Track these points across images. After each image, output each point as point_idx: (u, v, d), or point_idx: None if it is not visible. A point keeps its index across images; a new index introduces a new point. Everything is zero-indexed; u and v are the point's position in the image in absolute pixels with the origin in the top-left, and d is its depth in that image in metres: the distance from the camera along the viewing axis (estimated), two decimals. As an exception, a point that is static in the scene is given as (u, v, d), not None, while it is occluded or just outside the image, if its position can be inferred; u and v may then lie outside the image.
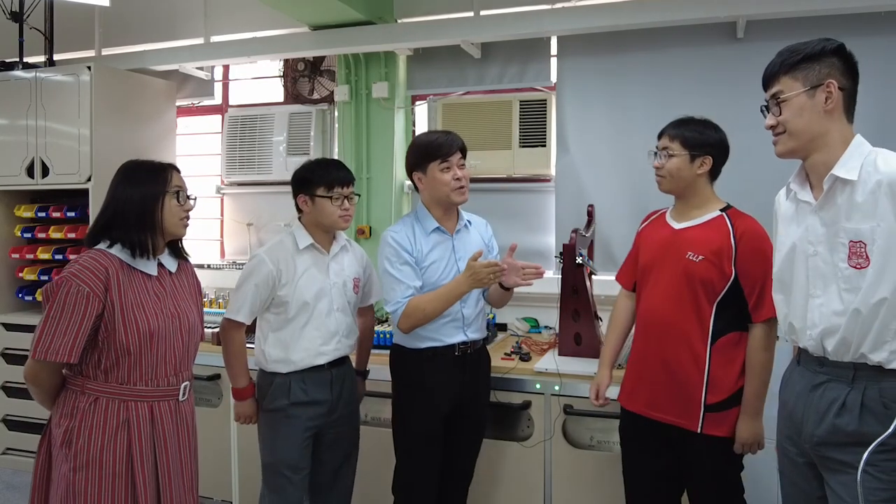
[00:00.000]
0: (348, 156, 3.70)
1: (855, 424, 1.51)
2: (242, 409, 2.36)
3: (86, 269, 1.77)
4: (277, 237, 2.37)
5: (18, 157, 3.72)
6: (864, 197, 1.51)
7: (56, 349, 1.74)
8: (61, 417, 1.83)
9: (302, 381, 2.27)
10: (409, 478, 2.33)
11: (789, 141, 1.62)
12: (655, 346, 2.09)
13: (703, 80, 3.15)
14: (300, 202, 2.32)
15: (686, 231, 2.09)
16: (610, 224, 3.29)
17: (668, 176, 2.10)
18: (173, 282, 1.98)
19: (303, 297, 2.25)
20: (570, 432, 2.68)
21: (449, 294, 2.18)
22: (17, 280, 3.94)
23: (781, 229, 1.74)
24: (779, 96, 1.61)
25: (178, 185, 1.94)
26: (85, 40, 4.19)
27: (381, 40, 3.47)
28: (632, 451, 2.22)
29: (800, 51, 1.59)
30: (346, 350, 2.37)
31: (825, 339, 1.57)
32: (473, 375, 2.35)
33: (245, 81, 4.31)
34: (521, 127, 3.48)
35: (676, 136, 2.09)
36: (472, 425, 2.40)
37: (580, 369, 2.64)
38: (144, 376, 1.85)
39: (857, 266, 1.51)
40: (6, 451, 3.87)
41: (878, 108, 2.84)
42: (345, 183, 2.30)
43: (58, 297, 1.75)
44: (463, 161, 2.27)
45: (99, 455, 1.79)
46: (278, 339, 2.27)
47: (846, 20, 2.90)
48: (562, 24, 3.22)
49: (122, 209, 1.86)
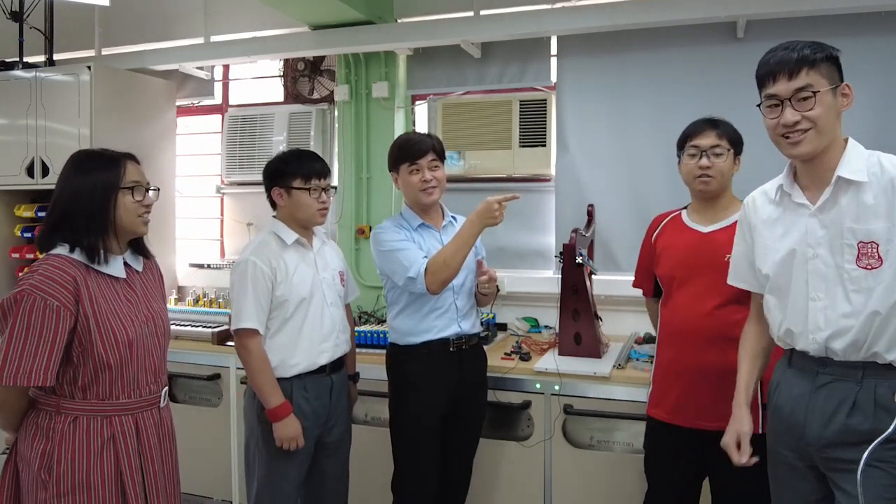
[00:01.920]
0: (348, 155, 3.70)
1: (870, 423, 1.48)
2: (284, 430, 2.11)
3: (49, 280, 1.59)
4: (257, 238, 2.25)
5: (18, 157, 3.72)
6: (876, 197, 1.49)
7: (27, 372, 1.56)
8: (35, 440, 1.65)
9: (304, 388, 2.19)
10: (407, 476, 2.33)
11: (816, 139, 1.53)
12: (698, 353, 2.00)
13: (703, 79, 3.15)
14: (275, 195, 2.24)
15: (717, 234, 2.05)
16: (610, 224, 3.29)
17: (718, 176, 2.03)
18: (143, 282, 1.83)
19: (300, 293, 2.18)
20: (569, 432, 2.69)
21: (463, 238, 2.18)
22: (17, 280, 3.93)
23: (765, 233, 1.69)
24: (812, 90, 1.51)
25: (135, 178, 1.74)
26: (85, 40, 4.18)
27: (381, 40, 3.47)
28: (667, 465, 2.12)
29: (819, 49, 1.54)
30: (344, 346, 2.33)
31: (833, 341, 1.54)
32: (469, 373, 2.35)
33: (245, 81, 4.30)
34: (521, 127, 3.48)
35: (724, 134, 2.05)
36: (468, 425, 2.40)
37: (580, 369, 2.64)
38: (127, 388, 1.71)
39: (868, 267, 1.49)
40: (6, 450, 3.87)
41: (877, 108, 2.85)
42: (322, 174, 2.23)
43: (20, 314, 1.56)
44: (436, 162, 2.29)
45: (86, 478, 1.64)
46: (276, 343, 2.17)
47: (846, 20, 2.90)
48: (562, 23, 3.21)
49: (70, 207, 1.67)
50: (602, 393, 2.59)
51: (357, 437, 2.47)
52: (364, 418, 2.96)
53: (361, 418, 2.95)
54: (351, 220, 3.71)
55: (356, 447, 2.46)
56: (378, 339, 2.98)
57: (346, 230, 3.73)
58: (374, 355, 2.83)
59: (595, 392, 2.60)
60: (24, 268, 3.87)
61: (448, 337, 2.29)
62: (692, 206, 2.18)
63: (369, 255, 2.57)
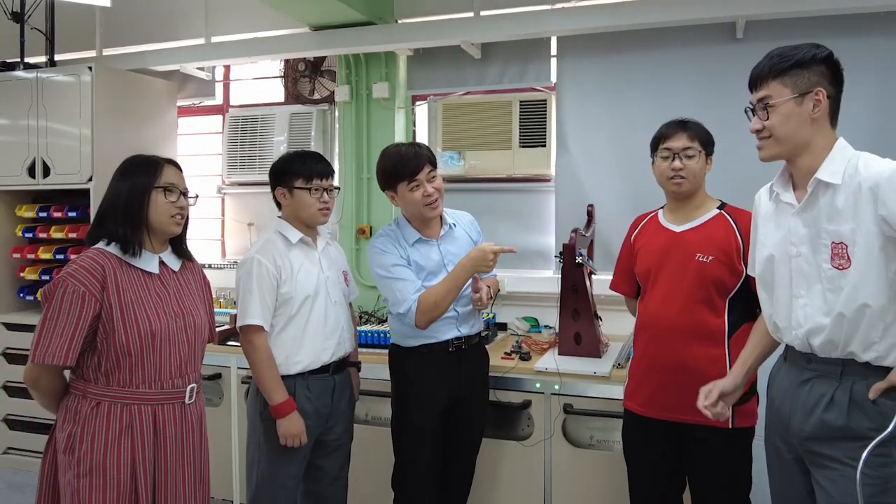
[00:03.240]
0: (349, 156, 3.71)
1: (843, 420, 1.53)
2: (288, 427, 2.13)
3: (82, 269, 1.72)
4: (263, 237, 2.27)
5: (20, 157, 3.73)
6: (846, 200, 1.53)
7: (52, 353, 1.68)
8: (65, 422, 1.77)
9: (307, 387, 2.20)
10: (408, 474, 2.34)
11: (774, 146, 1.62)
12: (669, 349, 2.06)
13: (702, 80, 3.16)
14: (278, 195, 2.27)
15: (689, 233, 2.10)
16: (610, 224, 3.29)
17: (690, 177, 2.08)
18: (178, 280, 1.91)
19: (305, 291, 2.19)
20: (569, 431, 2.69)
21: (455, 281, 2.18)
22: (19, 280, 3.95)
23: (762, 228, 1.75)
24: (767, 101, 1.60)
25: (171, 180, 1.84)
26: (86, 40, 4.19)
27: (381, 41, 3.48)
28: (642, 455, 2.19)
29: (790, 56, 1.58)
30: (348, 346, 2.34)
31: (811, 338, 1.59)
32: (469, 372, 2.35)
33: (246, 82, 4.32)
34: (521, 127, 3.49)
35: (696, 136, 2.09)
36: (468, 424, 2.40)
37: (580, 369, 2.65)
38: (147, 378, 1.78)
39: (839, 267, 1.53)
40: (7, 450, 3.88)
41: (876, 109, 2.85)
42: (324, 175, 2.24)
43: (54, 299, 1.70)
44: (433, 173, 2.25)
45: (102, 461, 1.72)
46: (281, 340, 2.18)
47: (845, 20, 2.90)
48: (562, 24, 3.22)
49: (111, 205, 1.81)
50: (602, 392, 2.60)
51: (358, 436, 2.48)
52: (365, 417, 2.97)
53: (362, 417, 2.95)
54: (351, 220, 3.72)
55: (357, 446, 2.46)
56: (378, 338, 2.99)
57: (347, 230, 3.74)
58: (374, 355, 2.84)
59: (595, 392, 2.61)
60: (26, 268, 3.89)
61: (447, 339, 2.30)
62: (667, 206, 2.22)
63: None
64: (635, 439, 2.20)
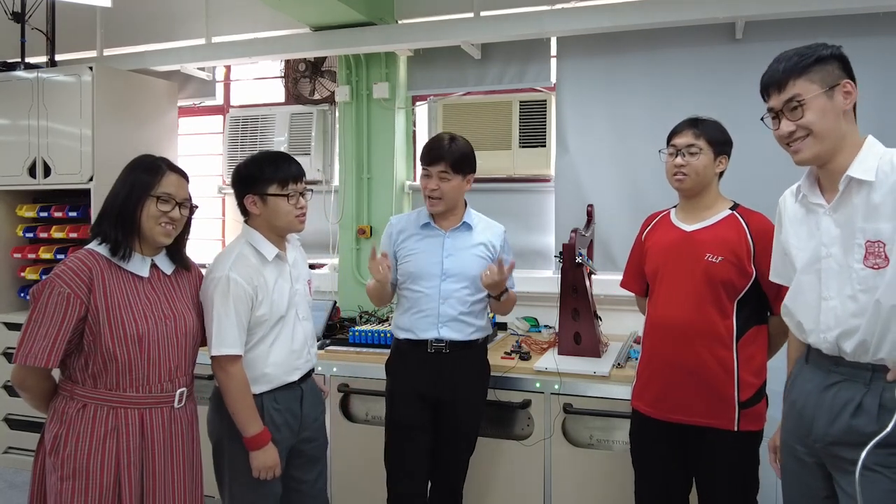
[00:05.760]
0: (349, 156, 3.71)
1: (874, 426, 1.47)
2: (264, 459, 1.96)
3: (69, 271, 1.69)
4: (233, 250, 2.04)
5: (20, 158, 3.73)
6: (883, 197, 1.49)
7: (35, 354, 1.65)
8: (52, 423, 1.74)
9: (274, 399, 2.04)
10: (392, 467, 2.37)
11: (816, 144, 1.55)
12: (675, 349, 2.05)
13: (702, 80, 3.16)
14: (248, 204, 2.04)
15: (699, 233, 2.08)
16: (610, 224, 3.30)
17: (692, 174, 2.07)
18: (170, 283, 1.87)
19: (279, 312, 2.03)
20: (569, 431, 2.69)
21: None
22: (19, 280, 3.95)
23: (789, 230, 1.71)
24: (797, 99, 1.54)
25: (169, 190, 1.79)
26: (86, 41, 4.20)
27: (381, 41, 3.49)
28: (649, 455, 2.17)
29: (809, 54, 1.55)
30: (314, 360, 2.20)
31: (842, 341, 1.54)
32: (455, 377, 2.33)
33: (246, 82, 4.32)
34: (521, 127, 3.49)
35: (702, 134, 2.07)
36: (454, 430, 2.37)
37: (580, 368, 2.65)
38: (135, 382, 1.75)
39: (875, 266, 1.49)
40: (8, 450, 3.89)
41: (877, 109, 2.85)
42: (298, 177, 2.05)
43: (41, 300, 1.67)
44: (447, 174, 2.27)
45: (85, 464, 1.69)
46: (246, 360, 1.99)
47: (845, 21, 2.91)
48: (562, 24, 3.23)
49: (110, 203, 1.80)
50: (602, 392, 2.60)
51: (358, 436, 2.48)
52: (364, 418, 2.97)
53: (362, 418, 2.95)
54: (351, 221, 3.72)
55: (357, 446, 2.47)
56: (379, 338, 2.99)
57: (347, 230, 3.74)
58: (374, 355, 2.84)
59: (595, 391, 2.61)
60: (27, 268, 3.89)
61: (427, 339, 2.31)
62: (679, 204, 2.21)
63: (369, 255, 2.57)
64: (642, 439, 2.19)
